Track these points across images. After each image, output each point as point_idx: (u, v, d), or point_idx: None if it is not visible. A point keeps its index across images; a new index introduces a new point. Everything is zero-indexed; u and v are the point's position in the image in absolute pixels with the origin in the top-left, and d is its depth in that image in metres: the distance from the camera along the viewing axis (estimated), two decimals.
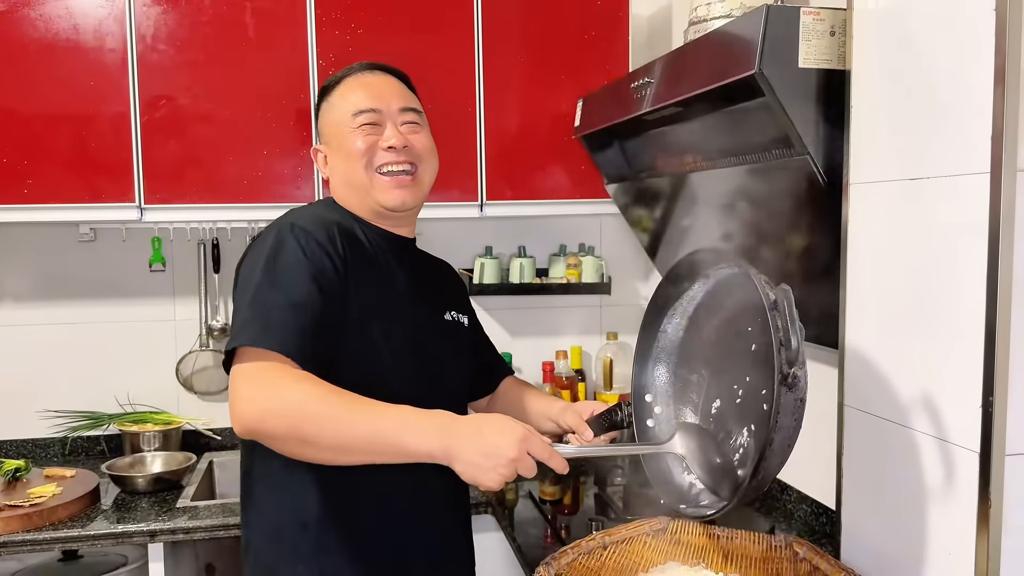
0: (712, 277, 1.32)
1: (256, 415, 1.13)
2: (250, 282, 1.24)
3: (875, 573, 1.25)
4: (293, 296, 1.20)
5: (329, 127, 1.42)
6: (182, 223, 2.26)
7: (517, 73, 2.27)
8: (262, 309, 1.20)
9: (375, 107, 1.37)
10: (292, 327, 1.18)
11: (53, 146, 2.07)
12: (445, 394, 1.42)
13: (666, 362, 1.43)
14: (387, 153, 1.37)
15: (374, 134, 1.37)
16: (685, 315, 1.40)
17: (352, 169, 1.37)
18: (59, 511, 1.95)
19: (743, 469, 1.24)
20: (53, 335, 2.45)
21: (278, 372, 1.14)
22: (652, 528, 1.40)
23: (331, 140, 1.42)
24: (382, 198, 1.37)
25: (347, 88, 1.40)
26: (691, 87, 1.48)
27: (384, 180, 1.37)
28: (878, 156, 1.24)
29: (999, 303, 1.01)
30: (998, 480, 1.04)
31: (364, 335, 1.30)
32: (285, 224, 1.29)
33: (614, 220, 2.60)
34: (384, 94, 1.39)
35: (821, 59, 1.31)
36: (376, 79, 1.42)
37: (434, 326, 1.44)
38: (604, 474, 2.26)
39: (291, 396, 1.12)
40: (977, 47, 1.03)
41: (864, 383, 1.30)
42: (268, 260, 1.24)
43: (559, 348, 2.60)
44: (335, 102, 1.41)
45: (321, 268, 1.24)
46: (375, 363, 1.31)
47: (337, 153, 1.40)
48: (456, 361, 1.49)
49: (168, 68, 2.10)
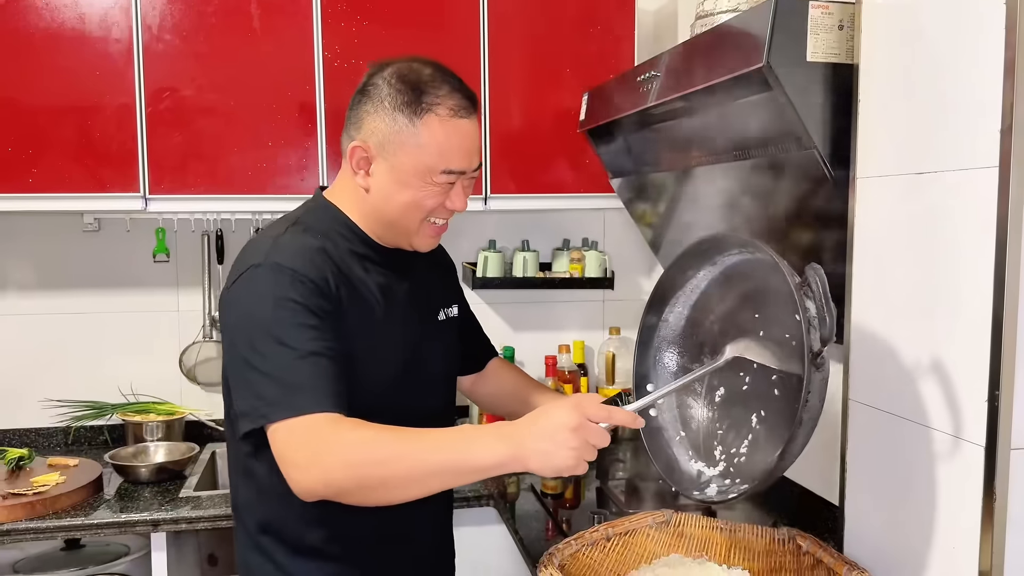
0: (719, 264, 1.31)
1: (319, 478, 1.09)
2: (252, 345, 1.16)
3: (878, 567, 1.25)
4: (307, 347, 1.14)
5: (403, 152, 1.25)
6: (186, 214, 2.26)
7: (522, 67, 2.27)
8: (281, 373, 1.13)
9: (464, 170, 1.28)
10: (320, 380, 1.13)
11: (58, 135, 2.07)
12: (439, 399, 1.44)
13: (668, 351, 1.42)
14: (445, 213, 1.31)
15: (447, 191, 1.28)
16: (688, 304, 1.39)
17: (406, 215, 1.28)
18: (62, 500, 1.95)
19: (758, 454, 1.24)
20: (57, 325, 2.45)
21: (325, 426, 1.10)
22: (655, 520, 1.41)
23: (398, 164, 1.26)
24: (419, 244, 1.33)
25: (444, 129, 1.25)
26: (698, 80, 1.48)
27: (428, 229, 1.31)
28: (886, 150, 1.24)
29: (1007, 297, 1.01)
30: (1003, 474, 1.03)
31: (361, 364, 1.25)
32: (270, 265, 1.20)
33: (618, 215, 2.60)
34: (472, 153, 1.29)
35: (829, 53, 1.30)
36: (472, 128, 1.28)
37: (427, 334, 1.41)
38: (606, 467, 2.27)
39: (349, 446, 1.09)
40: (986, 40, 1.03)
41: (869, 377, 1.30)
42: (263, 316, 1.16)
43: (562, 342, 2.60)
44: (424, 132, 1.24)
45: (319, 307, 1.19)
46: (371, 390, 1.26)
47: (395, 186, 1.27)
48: (447, 359, 1.48)
49: (174, 59, 2.10)
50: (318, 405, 1.11)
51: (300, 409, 1.11)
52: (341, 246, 1.30)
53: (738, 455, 1.28)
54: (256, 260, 1.22)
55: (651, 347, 1.42)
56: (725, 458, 1.30)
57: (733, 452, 1.29)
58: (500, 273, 2.51)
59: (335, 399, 1.13)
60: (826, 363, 1.09)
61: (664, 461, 1.34)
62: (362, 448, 1.08)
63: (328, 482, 1.09)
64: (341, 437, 1.09)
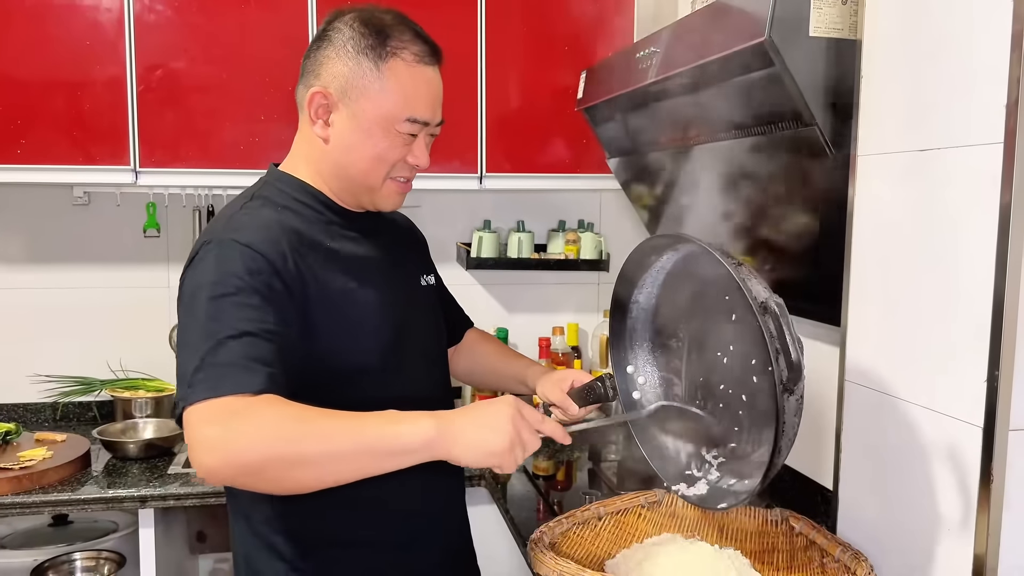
0: (681, 250, 1.30)
1: (223, 457, 0.99)
2: (187, 326, 1.10)
3: (872, 548, 1.24)
4: (240, 326, 1.06)
5: (366, 98, 1.20)
6: (177, 188, 2.24)
7: (519, 44, 2.24)
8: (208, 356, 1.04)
9: (428, 120, 1.23)
10: (248, 360, 1.04)
11: (47, 106, 2.03)
12: (433, 369, 1.39)
13: (643, 332, 1.41)
14: (408, 168, 1.26)
15: (409, 144, 1.23)
16: (656, 284, 1.38)
17: (368, 170, 1.23)
18: (49, 475, 1.93)
19: (748, 446, 1.23)
20: (46, 299, 2.42)
21: (241, 404, 1.00)
22: (647, 500, 1.39)
23: (360, 111, 1.20)
24: (382, 202, 1.27)
25: (410, 74, 1.20)
26: (698, 56, 1.45)
27: (393, 187, 1.26)
28: (888, 127, 1.22)
29: (1008, 276, 0.99)
30: (1001, 456, 1.02)
31: (342, 338, 1.19)
32: (220, 243, 1.14)
33: (614, 196, 2.58)
34: (436, 104, 1.25)
35: (832, 28, 1.28)
36: (435, 77, 1.24)
37: (413, 300, 1.36)
38: (598, 449, 2.25)
39: (259, 423, 0.99)
40: (993, 12, 1.01)
41: (866, 357, 1.28)
42: (203, 296, 1.09)
43: (556, 324, 2.58)
44: (389, 76, 1.19)
45: (267, 285, 1.11)
46: (359, 368, 1.21)
47: (356, 135, 1.21)
48: (439, 330, 1.44)
49: (165, 30, 2.07)
50: (238, 387, 1.02)
51: (219, 390, 1.01)
52: (305, 214, 1.24)
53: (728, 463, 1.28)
54: (208, 238, 1.16)
55: (625, 330, 1.41)
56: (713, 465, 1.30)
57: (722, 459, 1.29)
58: (495, 254, 2.49)
59: (264, 380, 1.03)
60: (800, 384, 1.06)
61: (653, 450, 1.34)
62: (274, 424, 0.99)
63: (230, 461, 0.98)
64: (253, 413, 1.00)
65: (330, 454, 1.00)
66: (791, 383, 1.04)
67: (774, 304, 1.06)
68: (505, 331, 2.56)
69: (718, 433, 1.28)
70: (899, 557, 1.19)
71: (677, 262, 1.33)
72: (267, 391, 1.02)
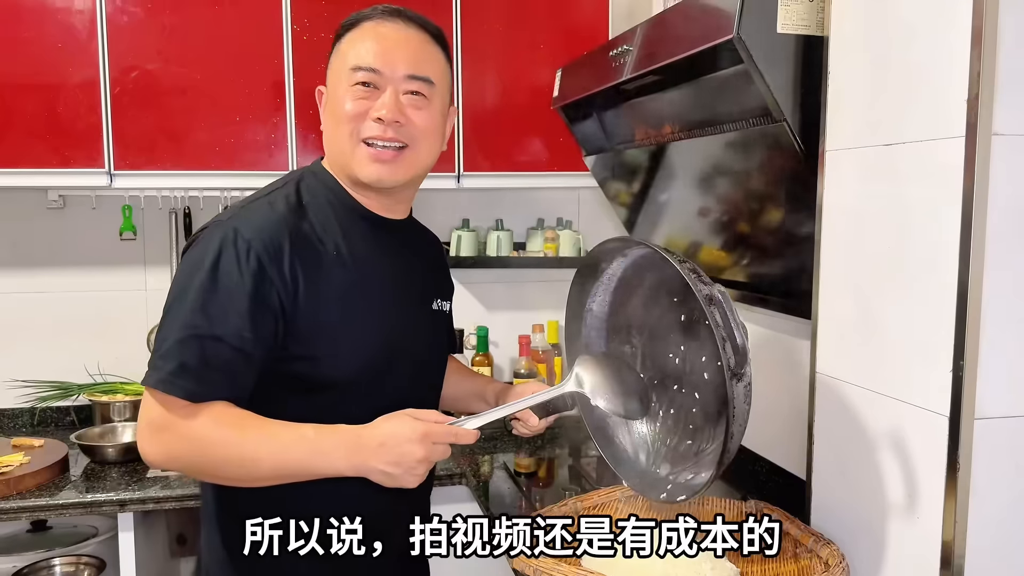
0: (629, 256, 1.32)
1: (159, 459, 1.15)
2: (182, 297, 1.15)
3: (845, 538, 1.26)
4: (216, 328, 1.12)
5: (331, 74, 1.27)
6: (153, 190, 2.23)
7: (495, 43, 2.25)
8: (186, 341, 1.12)
9: (375, 67, 1.21)
10: (209, 369, 1.12)
11: (20, 109, 2.02)
12: (425, 387, 1.38)
13: (598, 340, 1.43)
14: (375, 124, 1.21)
15: (368, 98, 1.21)
16: (608, 291, 1.40)
17: (336, 132, 1.24)
18: (27, 480, 1.92)
19: (703, 443, 1.26)
20: (21, 303, 2.40)
21: (180, 413, 1.11)
22: (624, 495, 1.41)
23: (328, 88, 1.28)
24: (359, 170, 1.23)
25: (358, 34, 1.24)
26: (669, 54, 1.47)
27: (365, 151, 1.22)
28: (854, 122, 1.24)
29: (972, 267, 1.01)
30: (967, 445, 1.04)
31: (315, 348, 1.19)
32: (229, 231, 1.16)
33: (592, 194, 2.59)
34: (393, 53, 1.22)
35: (800, 25, 1.29)
36: (392, 31, 1.23)
37: (415, 320, 1.34)
38: (578, 445, 2.27)
39: (190, 443, 1.12)
40: (954, 9, 1.02)
41: (837, 350, 1.30)
42: (205, 276, 1.14)
43: (535, 322, 2.59)
44: (343, 48, 1.25)
45: (256, 284, 1.14)
46: (332, 374, 1.22)
47: (328, 106, 1.27)
48: (437, 351, 1.43)
49: (138, 31, 2.06)
50: (186, 392, 1.11)
51: (170, 388, 1.11)
52: (324, 213, 1.25)
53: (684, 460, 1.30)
54: (218, 219, 1.21)
55: (581, 338, 1.43)
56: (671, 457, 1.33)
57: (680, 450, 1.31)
58: (474, 252, 2.50)
59: (212, 391, 1.12)
60: (747, 371, 1.10)
61: (614, 456, 1.37)
62: (202, 448, 1.12)
63: (161, 463, 1.17)
64: (188, 430, 1.11)
65: (251, 478, 1.14)
66: (738, 367, 1.07)
67: (718, 294, 1.09)
68: (485, 329, 2.57)
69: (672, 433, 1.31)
70: (870, 544, 1.21)
71: (627, 268, 1.35)
72: (214, 399, 1.12)
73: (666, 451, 1.34)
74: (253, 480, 1.15)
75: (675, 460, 1.31)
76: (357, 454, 1.09)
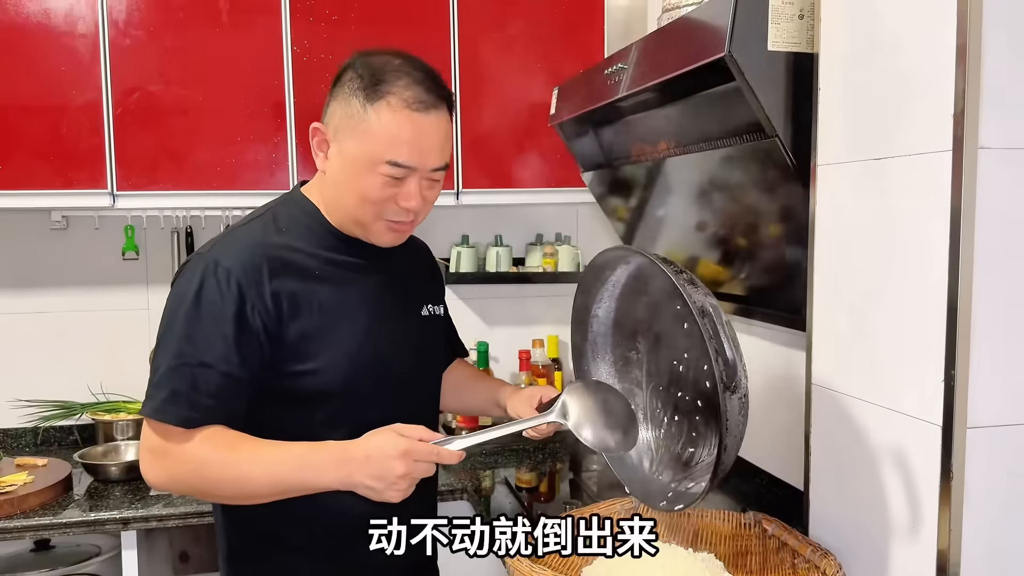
0: (633, 262, 1.33)
1: (161, 483, 1.22)
2: (171, 327, 1.21)
3: (842, 548, 1.27)
4: (204, 356, 1.18)
5: (352, 138, 1.24)
6: (155, 210, 2.25)
7: (492, 62, 2.28)
8: (176, 370, 1.19)
9: (412, 165, 1.23)
10: (200, 395, 1.18)
11: (23, 131, 2.05)
12: (416, 400, 1.41)
13: (603, 345, 1.45)
14: (400, 211, 1.27)
15: (395, 186, 1.24)
16: (613, 298, 1.42)
17: (356, 205, 1.26)
18: (30, 499, 1.93)
19: (704, 451, 1.27)
20: (25, 324, 2.42)
21: (177, 439, 1.18)
22: (623, 507, 1.41)
23: (346, 149, 1.25)
24: (375, 239, 1.31)
25: (393, 120, 1.21)
26: (663, 72, 1.49)
27: (384, 225, 1.28)
28: (845, 138, 1.26)
29: (961, 278, 1.03)
30: (960, 453, 1.05)
31: (302, 364, 1.25)
32: (210, 262, 1.22)
33: (590, 209, 2.61)
34: (426, 151, 1.24)
35: (790, 42, 1.32)
36: (429, 123, 1.23)
37: (403, 331, 1.38)
38: (579, 459, 2.28)
39: (188, 466, 1.19)
40: (940, 27, 1.05)
41: (830, 361, 1.31)
42: (190, 306, 1.20)
43: (536, 337, 2.60)
44: (372, 123, 1.22)
45: (241, 313, 1.20)
46: (321, 388, 1.27)
47: (344, 172, 1.26)
48: (432, 359, 1.47)
49: (141, 54, 2.09)
50: (178, 419, 1.17)
51: (164, 416, 1.18)
52: (305, 237, 1.30)
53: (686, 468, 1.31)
54: (200, 250, 1.26)
55: (587, 343, 1.44)
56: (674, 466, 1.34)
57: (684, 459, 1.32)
58: (473, 268, 2.52)
59: (204, 416, 1.18)
60: (741, 383, 1.10)
61: (625, 473, 1.37)
62: (197, 471, 1.19)
63: (164, 486, 1.24)
64: (184, 455, 1.18)
65: (247, 496, 1.21)
66: (730, 380, 1.08)
67: (710, 306, 1.11)
68: (485, 345, 2.58)
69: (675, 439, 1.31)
70: (867, 554, 1.22)
71: (630, 275, 1.37)
72: (208, 424, 1.18)
73: (669, 458, 1.35)
74: (249, 497, 1.22)
75: (677, 467, 1.32)
76: (344, 467, 1.14)
